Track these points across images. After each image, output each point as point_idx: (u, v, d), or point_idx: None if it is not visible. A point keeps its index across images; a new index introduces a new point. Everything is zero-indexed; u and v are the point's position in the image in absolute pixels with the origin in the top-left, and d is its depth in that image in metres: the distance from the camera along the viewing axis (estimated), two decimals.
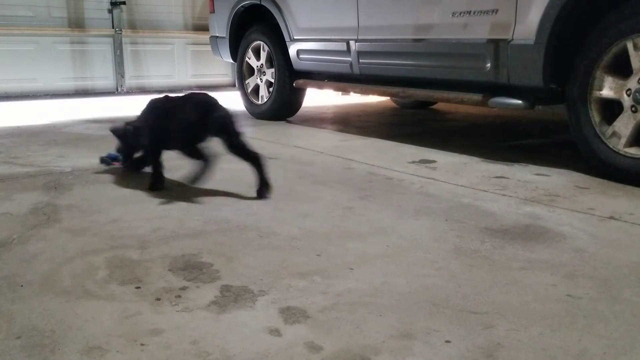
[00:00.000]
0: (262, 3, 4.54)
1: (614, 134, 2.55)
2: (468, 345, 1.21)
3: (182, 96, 2.45)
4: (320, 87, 4.42)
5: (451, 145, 3.53)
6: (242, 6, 4.76)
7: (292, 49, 4.36)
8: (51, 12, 6.27)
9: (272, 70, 4.64)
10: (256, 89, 4.86)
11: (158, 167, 2.48)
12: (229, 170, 2.81)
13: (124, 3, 6.60)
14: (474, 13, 2.98)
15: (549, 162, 2.99)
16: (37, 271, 1.59)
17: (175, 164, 2.94)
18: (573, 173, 2.75)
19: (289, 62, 4.46)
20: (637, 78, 2.44)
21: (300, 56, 4.32)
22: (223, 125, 2.30)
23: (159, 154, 2.48)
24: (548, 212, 2.14)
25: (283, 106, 4.64)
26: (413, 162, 3.05)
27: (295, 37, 4.31)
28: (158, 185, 2.47)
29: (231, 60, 5.15)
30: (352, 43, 3.81)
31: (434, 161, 3.07)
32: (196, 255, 1.71)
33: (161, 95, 2.57)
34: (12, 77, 6.06)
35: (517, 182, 2.59)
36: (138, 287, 1.49)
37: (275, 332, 1.26)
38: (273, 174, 2.73)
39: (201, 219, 2.06)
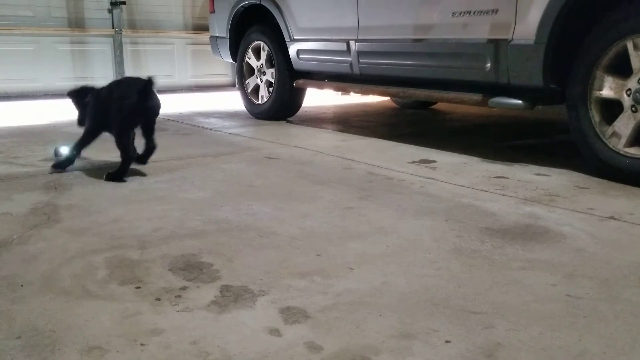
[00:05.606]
0: (262, 3, 4.54)
1: (614, 134, 2.55)
2: (468, 345, 1.21)
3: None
4: (320, 87, 4.41)
5: (451, 145, 3.53)
6: (242, 6, 4.76)
7: (292, 49, 4.36)
8: (51, 12, 6.27)
9: (272, 70, 4.64)
10: (256, 89, 4.86)
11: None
12: (229, 170, 2.81)
13: (124, 3, 6.60)
14: (474, 13, 2.98)
15: (549, 162, 2.99)
16: (37, 271, 1.59)
17: (176, 164, 2.95)
18: (573, 173, 2.75)
19: (289, 62, 4.46)
20: (637, 78, 2.44)
21: (300, 56, 4.32)
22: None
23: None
24: (548, 212, 2.14)
25: (283, 106, 4.64)
26: (413, 162, 3.05)
27: (295, 37, 4.31)
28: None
29: (231, 60, 5.15)
30: (352, 43, 3.81)
31: (434, 161, 3.07)
32: (196, 255, 1.71)
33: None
34: (12, 77, 6.06)
35: (517, 182, 2.58)
36: (138, 287, 1.49)
37: (275, 332, 1.26)
38: (273, 174, 2.73)
39: (201, 219, 2.06)
